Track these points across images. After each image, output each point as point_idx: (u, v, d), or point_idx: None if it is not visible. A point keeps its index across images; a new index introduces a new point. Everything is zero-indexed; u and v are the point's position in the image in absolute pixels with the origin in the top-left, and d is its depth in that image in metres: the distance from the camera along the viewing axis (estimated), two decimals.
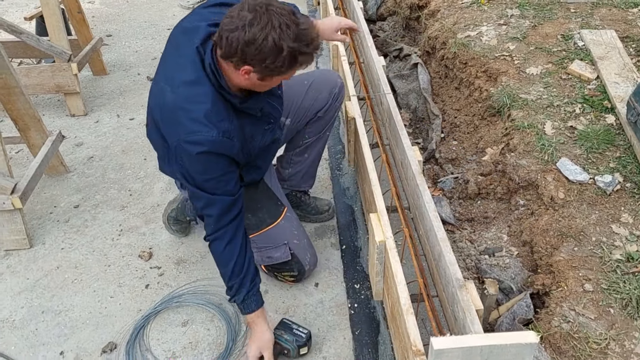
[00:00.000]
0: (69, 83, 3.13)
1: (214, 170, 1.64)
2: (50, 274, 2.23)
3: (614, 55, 2.77)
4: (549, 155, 2.30)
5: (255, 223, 2.00)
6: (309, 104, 2.14)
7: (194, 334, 1.95)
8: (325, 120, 2.20)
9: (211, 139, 1.57)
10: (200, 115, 1.57)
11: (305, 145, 2.23)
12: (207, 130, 1.56)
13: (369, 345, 1.87)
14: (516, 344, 1.13)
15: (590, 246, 1.95)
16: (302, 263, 2.04)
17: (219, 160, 1.63)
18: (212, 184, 1.66)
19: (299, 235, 2.05)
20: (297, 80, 2.14)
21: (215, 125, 1.57)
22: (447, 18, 3.42)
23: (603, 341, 1.66)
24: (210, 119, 1.57)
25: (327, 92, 2.16)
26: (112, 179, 2.75)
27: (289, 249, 2.01)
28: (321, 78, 2.20)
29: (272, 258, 2.03)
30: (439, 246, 1.67)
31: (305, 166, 2.29)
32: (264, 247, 2.02)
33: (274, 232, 2.00)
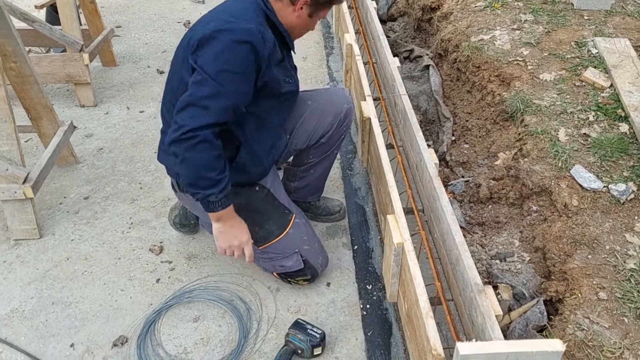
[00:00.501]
0: (80, 73, 3.11)
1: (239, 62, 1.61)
2: (60, 265, 2.22)
3: (628, 64, 2.77)
4: (563, 162, 2.30)
5: (263, 236, 1.96)
6: (312, 127, 2.08)
7: (205, 330, 1.94)
8: (330, 144, 2.15)
9: (247, 27, 1.62)
10: (240, 13, 1.67)
11: (311, 164, 2.20)
12: (245, 22, 1.64)
13: (381, 347, 1.87)
14: (542, 352, 1.14)
15: (604, 254, 1.95)
16: (314, 267, 2.02)
17: (246, 55, 1.61)
18: (229, 77, 1.60)
19: (309, 240, 2.02)
20: (300, 98, 2.08)
21: (255, 21, 1.65)
22: (460, 21, 3.42)
23: (617, 350, 1.67)
24: (249, 18, 1.66)
25: (332, 117, 2.08)
26: (122, 172, 2.74)
27: (301, 256, 1.98)
28: (327, 100, 2.12)
29: (284, 267, 2.00)
30: (457, 250, 1.67)
31: (311, 181, 2.27)
32: (275, 257, 2.00)
33: (283, 242, 1.97)
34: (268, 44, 1.66)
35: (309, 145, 2.13)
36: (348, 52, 2.90)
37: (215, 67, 1.59)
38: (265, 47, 1.65)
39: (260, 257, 2.03)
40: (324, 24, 4.32)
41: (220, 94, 1.60)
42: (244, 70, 1.63)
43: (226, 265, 2.20)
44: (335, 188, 2.59)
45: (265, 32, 1.66)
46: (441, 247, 1.90)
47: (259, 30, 1.63)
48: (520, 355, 1.14)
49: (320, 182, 2.29)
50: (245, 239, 1.84)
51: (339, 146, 2.18)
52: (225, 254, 1.87)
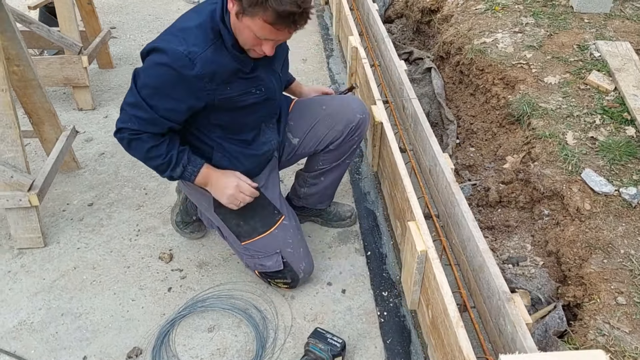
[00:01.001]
0: (79, 76, 3.05)
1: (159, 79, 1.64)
2: (67, 274, 2.16)
3: (631, 67, 2.79)
4: (573, 165, 2.31)
5: (247, 231, 1.97)
6: (322, 132, 2.06)
7: (221, 340, 1.91)
8: (340, 152, 2.11)
9: (175, 51, 1.59)
10: (176, 30, 1.65)
11: (321, 171, 2.18)
12: (176, 44, 1.61)
13: (401, 355, 1.85)
14: None
15: (619, 259, 1.96)
16: (295, 272, 2.00)
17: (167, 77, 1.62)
18: (148, 92, 1.66)
19: (294, 244, 2.00)
20: (315, 103, 2.10)
21: (187, 43, 1.60)
22: (461, 24, 3.42)
23: (639, 355, 1.67)
24: (185, 36, 1.62)
25: (343, 125, 2.06)
26: (126, 177, 2.69)
27: (282, 257, 1.96)
28: (341, 108, 2.09)
29: (264, 266, 1.99)
30: (480, 257, 1.66)
31: (321, 188, 2.24)
32: (256, 254, 1.98)
33: (266, 241, 1.96)
34: (199, 65, 1.61)
35: (317, 150, 2.10)
36: (353, 55, 2.87)
37: (141, 80, 1.67)
38: (194, 70, 1.61)
39: (242, 252, 2.02)
40: (323, 25, 4.29)
41: (139, 106, 1.68)
42: (164, 89, 1.65)
43: (239, 273, 2.16)
44: (345, 192, 2.56)
45: (200, 54, 1.61)
46: (460, 253, 1.89)
47: (189, 52, 1.59)
48: None
49: (329, 191, 2.26)
50: (234, 183, 1.85)
51: (351, 156, 2.16)
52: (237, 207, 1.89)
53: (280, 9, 1.47)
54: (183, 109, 1.71)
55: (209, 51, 1.63)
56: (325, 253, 2.26)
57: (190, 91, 1.67)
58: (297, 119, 2.09)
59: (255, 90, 1.80)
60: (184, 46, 1.60)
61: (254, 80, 1.78)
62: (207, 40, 1.63)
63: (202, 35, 1.63)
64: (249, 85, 1.77)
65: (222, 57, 1.66)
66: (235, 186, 1.85)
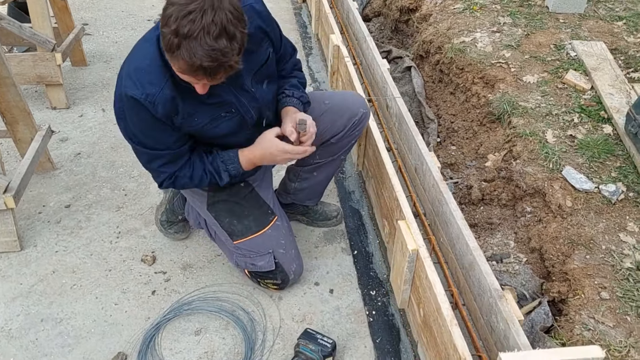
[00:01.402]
0: (52, 74, 2.95)
1: (146, 124, 1.62)
2: (46, 279, 2.10)
3: (606, 67, 2.86)
4: (554, 163, 2.35)
5: (240, 230, 1.95)
6: (324, 126, 2.03)
7: (209, 343, 1.88)
8: (339, 146, 2.09)
9: (135, 99, 1.54)
10: (131, 71, 1.56)
11: (316, 165, 2.15)
12: (133, 88, 1.54)
13: (391, 354, 1.85)
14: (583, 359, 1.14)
15: (601, 254, 2.00)
16: (286, 273, 1.99)
17: (148, 119, 1.59)
18: (151, 141, 1.66)
19: (287, 245, 1.99)
20: (317, 97, 2.07)
21: (142, 86, 1.54)
22: (440, 23, 3.44)
23: (624, 349, 1.71)
24: (139, 78, 1.55)
25: (345, 119, 2.04)
26: (104, 178, 2.62)
27: (274, 258, 1.95)
28: (344, 102, 2.08)
29: (255, 266, 1.97)
30: (470, 255, 1.67)
31: (312, 184, 2.22)
32: (249, 253, 1.96)
33: (259, 240, 1.94)
34: (160, 106, 1.56)
35: (317, 143, 2.08)
36: (335, 54, 2.86)
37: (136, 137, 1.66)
38: (158, 111, 1.57)
39: (234, 251, 2.00)
40: (301, 23, 4.26)
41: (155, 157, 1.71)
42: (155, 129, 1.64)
43: (225, 275, 2.13)
44: (329, 192, 2.55)
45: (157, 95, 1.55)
46: (448, 251, 1.90)
47: (147, 95, 1.54)
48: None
49: (321, 187, 2.25)
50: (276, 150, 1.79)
51: (347, 152, 2.14)
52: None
53: (190, 61, 1.36)
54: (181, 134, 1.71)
55: (165, 88, 1.56)
56: (311, 253, 2.24)
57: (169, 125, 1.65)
58: None
59: (226, 114, 1.72)
60: (140, 90, 1.53)
61: (220, 104, 1.69)
62: (160, 77, 1.55)
63: (155, 72, 1.54)
64: (216, 110, 1.70)
65: (179, 91, 1.59)
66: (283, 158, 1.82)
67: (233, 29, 1.37)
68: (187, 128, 1.70)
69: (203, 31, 1.33)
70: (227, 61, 1.38)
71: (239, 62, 1.43)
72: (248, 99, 1.74)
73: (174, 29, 1.33)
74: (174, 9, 1.34)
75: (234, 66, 1.42)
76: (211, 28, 1.33)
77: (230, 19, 1.36)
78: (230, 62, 1.40)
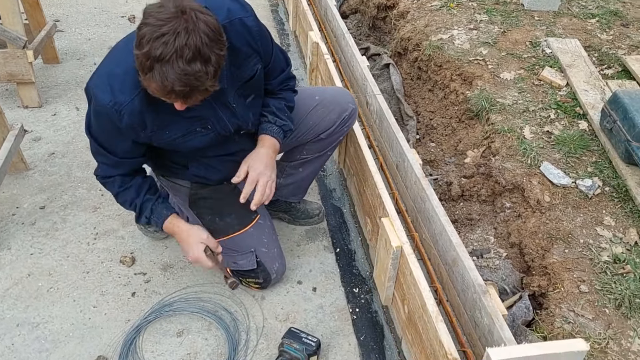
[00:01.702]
0: (24, 72, 2.87)
1: (103, 128, 1.63)
2: (20, 282, 2.04)
3: (581, 64, 2.91)
4: (532, 159, 2.38)
5: (222, 227, 1.93)
6: (313, 122, 2.02)
7: (191, 345, 1.85)
8: (328, 142, 2.09)
9: (102, 102, 1.52)
10: (104, 73, 1.54)
11: (302, 161, 2.14)
12: (102, 91, 1.52)
13: (375, 351, 1.85)
14: (569, 352, 1.16)
15: (579, 248, 2.03)
16: (268, 272, 1.98)
17: (107, 123, 1.58)
18: (102, 138, 1.68)
19: (269, 244, 1.98)
20: (306, 93, 2.06)
21: (112, 92, 1.50)
22: (417, 20, 3.46)
23: (603, 341, 1.74)
24: (112, 83, 1.52)
25: (336, 114, 2.04)
26: (79, 178, 2.56)
27: (256, 257, 1.94)
28: (334, 97, 2.07)
29: (237, 264, 1.96)
30: (454, 251, 1.67)
31: (298, 180, 2.21)
32: (230, 252, 1.95)
33: (241, 239, 1.93)
34: (126, 116, 1.53)
35: (306, 139, 2.07)
36: (314, 51, 2.85)
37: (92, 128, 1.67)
38: (122, 121, 1.54)
39: None
40: (278, 20, 4.24)
41: (100, 152, 1.73)
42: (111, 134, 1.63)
43: (206, 275, 2.10)
44: (310, 190, 2.53)
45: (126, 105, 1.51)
46: (431, 247, 1.90)
47: (115, 103, 1.51)
48: (548, 357, 1.15)
49: (306, 183, 2.24)
50: (194, 254, 1.84)
51: (334, 148, 2.14)
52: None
53: (162, 85, 1.33)
54: (137, 146, 1.70)
55: (136, 100, 1.51)
56: (294, 251, 2.23)
57: (131, 135, 1.63)
58: None
59: (201, 129, 1.68)
60: (109, 96, 1.50)
61: (197, 119, 1.65)
62: (133, 86, 1.49)
63: (129, 81, 1.49)
64: (192, 124, 1.66)
65: (151, 103, 1.53)
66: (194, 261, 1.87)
67: (208, 52, 1.33)
68: (156, 141, 1.67)
69: (175, 54, 1.29)
70: (200, 85, 1.35)
71: (214, 85, 1.39)
72: (228, 115, 1.71)
73: (146, 52, 1.30)
74: (147, 29, 1.30)
75: (208, 90, 1.39)
76: (184, 51, 1.29)
77: (206, 42, 1.32)
78: (204, 86, 1.37)
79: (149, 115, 1.57)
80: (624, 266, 1.96)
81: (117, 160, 1.73)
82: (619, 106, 2.28)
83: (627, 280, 1.90)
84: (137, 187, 1.81)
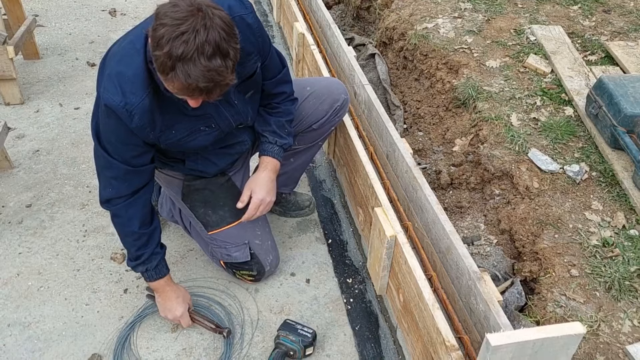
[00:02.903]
0: (4, 68, 2.82)
1: (114, 132, 1.58)
2: (10, 282, 2.01)
3: (565, 50, 2.93)
4: (519, 146, 2.40)
5: (215, 220, 1.93)
6: (306, 112, 2.02)
7: (186, 340, 1.84)
8: (319, 132, 2.09)
9: (113, 103, 1.50)
10: (113, 75, 1.50)
11: (294, 151, 2.13)
12: (113, 94, 1.49)
13: (371, 340, 1.86)
14: (566, 336, 1.17)
15: (569, 233, 2.06)
16: (262, 264, 1.98)
17: (118, 125, 1.55)
18: (112, 147, 1.61)
19: (262, 236, 1.99)
20: (298, 84, 2.04)
21: (123, 94, 1.49)
22: (402, 9, 3.46)
23: (594, 323, 1.77)
24: (122, 84, 1.49)
25: (328, 105, 2.04)
26: (66, 175, 2.52)
27: (250, 249, 1.94)
28: (325, 88, 2.07)
29: (231, 256, 1.96)
30: (447, 239, 1.68)
31: (289, 170, 2.20)
32: (224, 244, 1.95)
33: (234, 231, 1.93)
34: (137, 117, 1.52)
35: (298, 130, 2.06)
36: (300, 42, 2.83)
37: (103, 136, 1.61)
38: (133, 122, 1.53)
39: (209, 242, 1.98)
40: (261, 12, 4.21)
41: (111, 164, 1.63)
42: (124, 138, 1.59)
43: (198, 269, 2.09)
44: (300, 182, 2.53)
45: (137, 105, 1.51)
46: (424, 236, 1.91)
47: (126, 104, 1.50)
48: (546, 341, 1.17)
49: (297, 173, 2.24)
50: (179, 313, 1.83)
51: (325, 138, 2.14)
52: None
53: (186, 83, 1.32)
54: (146, 151, 1.66)
55: (146, 100, 1.51)
56: (286, 243, 2.23)
57: (141, 137, 1.60)
58: None
59: (205, 128, 1.69)
60: (120, 97, 1.49)
61: (201, 117, 1.66)
62: (143, 87, 1.50)
63: (139, 81, 1.49)
64: (197, 123, 1.67)
65: (160, 103, 1.55)
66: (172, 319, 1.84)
67: (226, 46, 1.33)
68: (164, 141, 1.65)
69: (197, 52, 1.28)
70: (222, 80, 1.35)
71: (233, 79, 1.40)
72: (230, 112, 1.73)
73: (167, 52, 1.28)
74: (165, 30, 1.29)
75: (229, 84, 1.39)
76: (205, 48, 1.29)
77: (224, 37, 1.32)
78: (226, 80, 1.37)
79: (158, 115, 1.57)
80: (613, 249, 1.99)
81: (127, 169, 1.64)
82: (604, 92, 2.31)
83: (617, 263, 1.93)
84: (149, 236, 1.75)
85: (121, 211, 1.70)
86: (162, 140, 1.65)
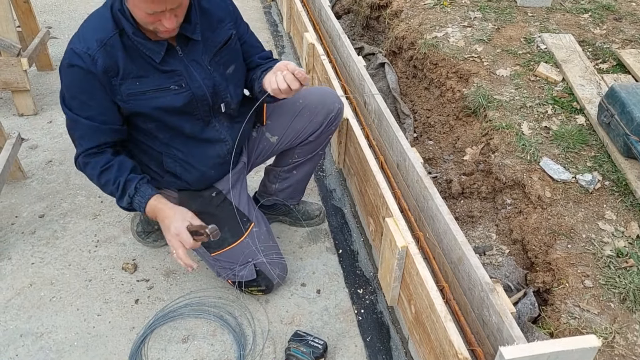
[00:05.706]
0: (18, 79, 2.85)
1: (77, 85, 1.59)
2: (22, 292, 2.02)
3: (576, 59, 2.92)
4: (531, 155, 2.39)
5: (216, 242, 1.87)
6: (301, 126, 2.02)
7: (197, 351, 1.84)
8: (317, 143, 2.09)
9: (75, 51, 1.54)
10: (79, 30, 1.58)
11: (295, 164, 2.14)
12: (76, 43, 1.55)
13: (382, 352, 1.85)
14: (581, 349, 1.16)
15: (582, 243, 2.04)
16: (269, 278, 1.96)
17: (80, 76, 1.55)
18: (76, 103, 1.62)
19: (267, 251, 1.95)
20: (291, 98, 1.99)
21: (85, 40, 1.54)
22: (411, 19, 3.46)
23: (609, 335, 1.75)
24: (85, 34, 1.57)
25: (322, 116, 2.04)
26: (78, 185, 2.54)
27: (255, 266, 1.92)
28: (318, 99, 2.06)
29: (237, 276, 1.93)
30: (459, 250, 1.67)
31: (293, 182, 2.20)
32: (229, 265, 1.92)
33: (237, 251, 1.89)
34: (101, 60, 1.53)
35: (295, 144, 2.07)
36: (310, 52, 2.84)
37: (66, 94, 1.63)
38: (97, 66, 1.54)
39: (213, 263, 1.97)
40: (271, 22, 4.23)
41: (76, 122, 1.66)
42: (85, 91, 1.60)
43: (209, 279, 2.09)
44: (310, 191, 2.54)
45: (98, 50, 1.53)
46: (435, 246, 1.90)
47: (88, 48, 1.53)
48: (561, 354, 1.15)
49: (302, 185, 2.23)
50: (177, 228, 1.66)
51: (325, 147, 2.14)
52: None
53: None
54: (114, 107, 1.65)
55: (109, 42, 1.55)
56: (296, 253, 2.23)
57: (105, 87, 1.59)
58: (275, 117, 2.04)
59: (175, 87, 1.66)
60: (82, 44, 1.54)
61: (171, 74, 1.64)
62: (106, 31, 1.55)
63: (101, 27, 1.55)
64: (165, 80, 1.64)
65: (125, 49, 1.57)
66: (175, 234, 1.67)
67: None
68: (126, 91, 1.62)
69: None
70: None
71: None
72: (202, 75, 1.70)
73: None
74: None
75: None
76: None
77: None
78: None
79: (122, 60, 1.58)
80: (627, 260, 1.97)
81: (95, 126, 1.63)
82: (617, 100, 2.29)
83: (631, 274, 1.91)
84: (120, 165, 1.71)
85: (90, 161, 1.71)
86: (124, 89, 1.61)
